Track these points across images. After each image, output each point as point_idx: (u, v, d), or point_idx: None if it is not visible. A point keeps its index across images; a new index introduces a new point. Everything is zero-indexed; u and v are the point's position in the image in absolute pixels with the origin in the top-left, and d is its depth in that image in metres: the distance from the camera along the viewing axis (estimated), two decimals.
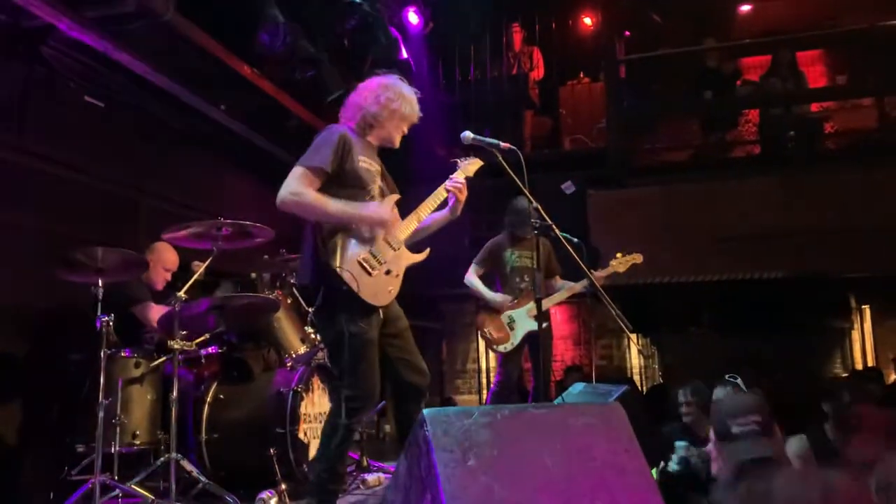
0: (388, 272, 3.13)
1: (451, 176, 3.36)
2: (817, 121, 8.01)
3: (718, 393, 3.95)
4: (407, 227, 3.28)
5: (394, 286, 3.17)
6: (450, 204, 3.36)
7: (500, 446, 2.01)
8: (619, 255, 5.13)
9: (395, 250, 3.19)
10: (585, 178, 7.41)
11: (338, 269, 2.96)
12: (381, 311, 3.12)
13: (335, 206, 3.01)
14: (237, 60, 5.21)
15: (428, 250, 3.39)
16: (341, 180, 3.10)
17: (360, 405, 3.03)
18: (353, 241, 3.05)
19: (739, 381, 3.95)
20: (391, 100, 3.24)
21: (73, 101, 4.70)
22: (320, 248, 3.01)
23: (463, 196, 3.32)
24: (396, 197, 3.30)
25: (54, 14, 4.08)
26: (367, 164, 3.22)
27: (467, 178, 3.37)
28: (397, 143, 3.35)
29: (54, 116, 4.57)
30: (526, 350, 5.16)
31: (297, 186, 2.99)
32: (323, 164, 3.03)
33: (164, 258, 4.52)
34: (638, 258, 5.12)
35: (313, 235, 3.06)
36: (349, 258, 3.01)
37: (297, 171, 3.03)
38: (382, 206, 3.14)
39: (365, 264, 3.04)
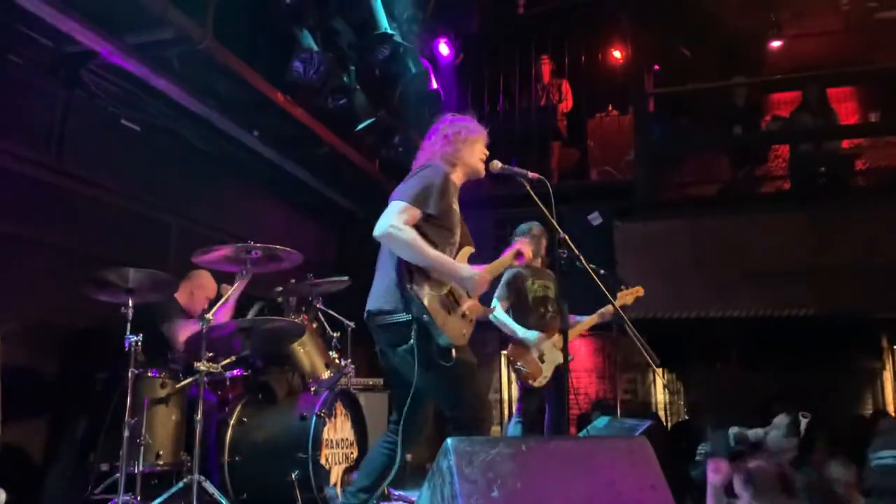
0: (463, 315, 3.08)
1: (516, 244, 3.50)
2: (848, 157, 7.92)
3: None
4: None
5: (467, 330, 3.09)
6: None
7: (524, 478, 1.99)
8: (623, 287, 5.08)
9: (469, 297, 3.14)
10: (612, 210, 7.40)
11: (424, 301, 2.90)
12: None
13: (432, 252, 2.96)
14: (271, 88, 5.29)
15: (492, 307, 3.40)
16: (434, 219, 3.06)
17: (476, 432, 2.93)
18: (435, 278, 3.00)
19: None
20: (458, 131, 3.28)
21: (109, 125, 4.80)
22: (405, 276, 2.94)
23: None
24: (470, 250, 3.27)
25: (96, 40, 4.19)
26: (456, 207, 3.22)
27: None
28: (483, 171, 3.33)
29: (91, 139, 4.67)
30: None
31: (400, 222, 2.93)
32: (429, 208, 3.00)
33: (208, 286, 4.60)
34: (640, 290, 5.03)
35: (400, 262, 2.99)
36: (433, 292, 2.96)
37: (400, 207, 2.97)
38: (476, 274, 3.05)
39: (447, 301, 3.01)
